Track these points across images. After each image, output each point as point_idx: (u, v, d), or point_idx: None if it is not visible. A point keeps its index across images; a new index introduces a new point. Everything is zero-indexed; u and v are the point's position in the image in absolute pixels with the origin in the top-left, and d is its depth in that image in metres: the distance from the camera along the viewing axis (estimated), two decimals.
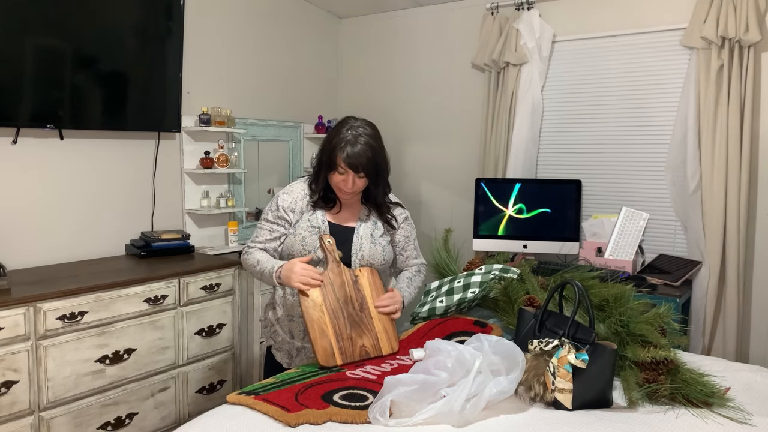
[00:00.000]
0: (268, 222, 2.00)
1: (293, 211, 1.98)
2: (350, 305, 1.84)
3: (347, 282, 1.87)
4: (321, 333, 1.77)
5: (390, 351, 1.84)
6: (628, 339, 1.72)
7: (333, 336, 1.77)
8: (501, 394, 1.49)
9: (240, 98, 3.57)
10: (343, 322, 1.81)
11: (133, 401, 2.56)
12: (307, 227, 1.96)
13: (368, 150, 1.87)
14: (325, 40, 4.14)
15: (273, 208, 2.00)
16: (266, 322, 2.13)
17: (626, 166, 3.22)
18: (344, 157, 1.86)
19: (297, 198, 1.99)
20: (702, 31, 2.81)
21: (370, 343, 1.82)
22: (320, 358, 1.74)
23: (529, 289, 2.08)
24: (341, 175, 1.90)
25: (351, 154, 1.85)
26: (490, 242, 3.25)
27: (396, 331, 1.88)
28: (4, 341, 2.14)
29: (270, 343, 2.11)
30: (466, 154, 3.74)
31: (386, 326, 1.87)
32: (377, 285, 1.91)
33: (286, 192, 2.02)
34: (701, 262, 2.92)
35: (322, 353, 1.74)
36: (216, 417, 1.49)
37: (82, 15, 2.72)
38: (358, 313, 1.84)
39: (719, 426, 1.45)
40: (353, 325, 1.82)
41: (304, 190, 2.01)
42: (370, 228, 2.01)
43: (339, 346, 1.77)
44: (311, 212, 1.97)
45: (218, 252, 3.26)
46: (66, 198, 2.83)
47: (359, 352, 1.79)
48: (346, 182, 1.90)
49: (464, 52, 3.67)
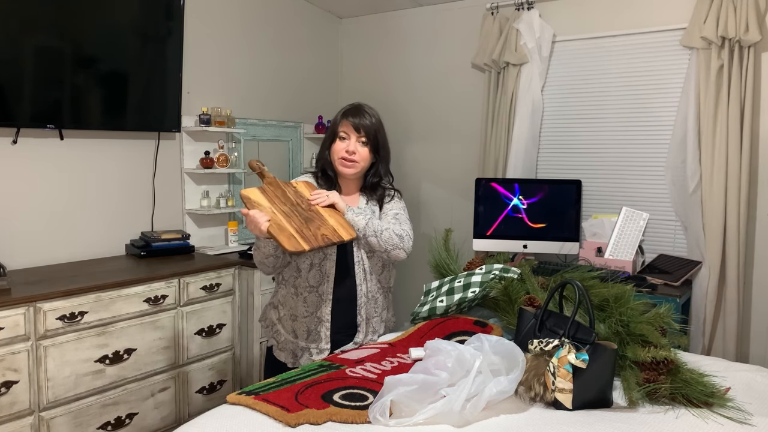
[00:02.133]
0: None
1: None
2: (298, 207, 1.88)
3: (289, 191, 1.92)
4: (279, 228, 1.78)
5: (349, 237, 1.86)
6: (628, 339, 1.72)
7: (293, 229, 1.79)
8: (501, 394, 1.49)
9: (240, 98, 3.57)
10: (298, 219, 1.83)
11: (133, 401, 2.56)
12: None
13: (370, 117, 2.03)
14: (325, 40, 4.14)
15: None
16: (267, 322, 2.12)
17: (626, 166, 3.22)
18: (348, 118, 1.99)
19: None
20: (702, 31, 2.81)
21: (330, 231, 1.83)
22: (287, 245, 1.73)
23: (529, 289, 2.07)
24: (342, 141, 1.99)
25: (353, 115, 2.00)
26: (490, 242, 3.25)
27: (348, 222, 1.90)
28: (4, 341, 2.14)
29: (272, 344, 2.09)
30: (466, 154, 3.74)
31: (338, 219, 1.89)
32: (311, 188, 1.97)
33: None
34: (701, 262, 2.92)
35: (287, 241, 1.74)
36: (216, 417, 1.49)
37: (82, 15, 2.72)
38: (307, 211, 1.87)
39: (719, 426, 1.44)
40: (307, 221, 1.84)
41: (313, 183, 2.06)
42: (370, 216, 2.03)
43: (300, 233, 1.78)
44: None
45: (218, 252, 3.26)
46: (66, 198, 2.83)
47: (321, 239, 1.80)
48: (348, 147, 1.98)
49: (464, 52, 3.67)
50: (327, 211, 1.91)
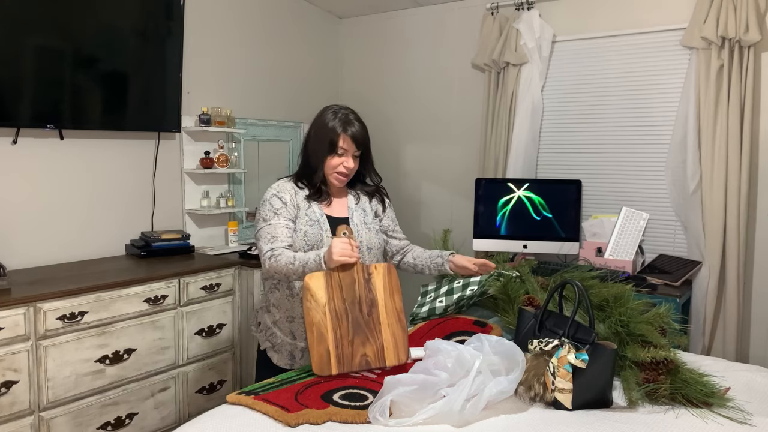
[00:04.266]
0: (282, 218, 1.93)
1: (295, 207, 1.97)
2: (357, 308, 1.70)
3: (358, 281, 1.73)
4: (319, 338, 1.66)
5: (396, 362, 1.67)
6: (628, 339, 1.72)
7: (332, 342, 1.66)
8: (501, 394, 1.49)
9: (240, 98, 3.57)
10: (346, 326, 1.67)
11: (133, 401, 2.56)
12: (306, 222, 1.95)
13: (363, 127, 1.99)
14: (325, 40, 4.14)
15: (278, 204, 1.94)
16: (262, 327, 2.08)
17: (626, 166, 3.22)
18: (348, 134, 1.93)
19: (292, 194, 1.98)
20: (702, 31, 2.81)
21: (373, 352, 1.67)
22: (315, 365, 1.65)
23: (528, 289, 2.08)
24: (340, 157, 1.95)
25: (352, 131, 1.94)
26: (489, 242, 3.25)
27: (406, 341, 1.71)
28: (4, 341, 2.14)
29: (266, 346, 2.05)
30: (466, 154, 3.74)
31: (396, 334, 1.69)
32: (393, 284, 1.76)
33: (280, 190, 1.98)
34: (701, 262, 2.92)
35: (318, 361, 1.65)
36: (216, 417, 1.49)
37: (82, 15, 2.72)
38: (365, 317, 1.69)
39: (719, 426, 1.44)
40: (357, 330, 1.67)
41: (293, 188, 2.00)
42: (362, 215, 2.05)
43: (337, 353, 1.65)
44: (307, 206, 1.97)
45: (218, 252, 3.26)
46: (66, 198, 2.83)
47: (359, 361, 1.66)
48: (346, 163, 1.95)
49: (464, 52, 3.67)
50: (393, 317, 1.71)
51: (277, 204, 1.95)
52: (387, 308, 1.72)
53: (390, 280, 1.75)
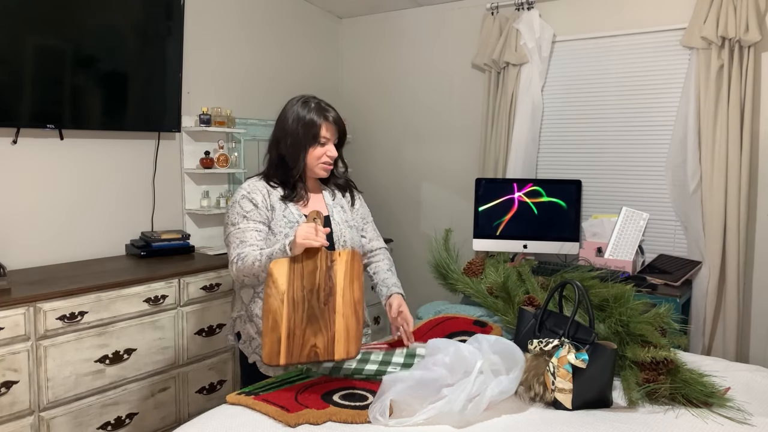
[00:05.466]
0: (250, 221, 1.83)
1: (267, 209, 1.86)
2: (315, 296, 1.65)
3: (320, 268, 1.67)
4: (273, 326, 1.61)
5: (344, 356, 1.61)
6: (628, 339, 1.72)
7: (285, 331, 1.61)
8: (502, 394, 1.49)
9: (240, 98, 3.57)
10: (301, 315, 1.62)
11: (133, 401, 2.55)
12: (285, 224, 1.84)
13: (336, 111, 1.94)
14: (325, 40, 4.14)
15: (248, 207, 1.84)
16: (245, 338, 1.95)
17: (626, 166, 3.22)
18: (330, 121, 1.89)
19: (264, 195, 1.87)
20: (702, 31, 2.81)
21: (323, 344, 1.61)
22: (264, 353, 1.60)
23: (528, 289, 2.08)
24: (323, 146, 1.90)
25: (332, 116, 1.90)
26: (490, 242, 3.24)
27: (359, 334, 1.65)
28: (4, 341, 2.14)
29: (255, 359, 1.92)
30: (466, 154, 3.74)
31: (349, 326, 1.63)
32: (354, 271, 1.69)
33: (251, 191, 1.88)
34: (701, 262, 2.92)
35: (268, 349, 1.60)
36: (216, 417, 1.49)
37: (82, 15, 2.71)
38: (320, 305, 1.64)
39: (719, 426, 1.45)
40: (311, 319, 1.62)
41: (266, 187, 1.90)
42: (341, 213, 1.97)
43: (288, 343, 1.60)
44: (284, 207, 1.87)
45: (218, 252, 3.26)
46: (66, 198, 2.82)
47: (308, 352, 1.60)
48: (330, 152, 1.90)
49: (464, 52, 3.67)
50: (349, 307, 1.66)
51: (247, 206, 1.85)
52: (344, 298, 1.66)
53: (352, 267, 1.69)
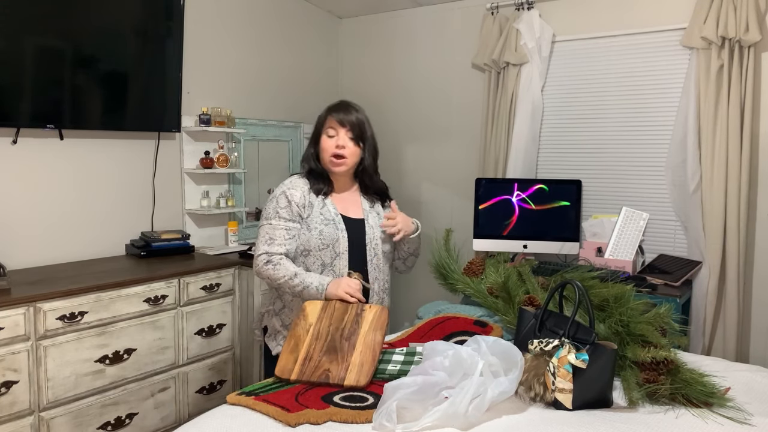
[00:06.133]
0: (282, 220, 1.92)
1: (304, 206, 1.95)
2: (339, 333, 1.76)
3: (349, 314, 1.81)
4: (293, 348, 1.72)
5: (354, 384, 1.64)
6: (628, 339, 1.72)
7: (303, 354, 1.71)
8: (503, 394, 1.48)
9: (240, 98, 3.57)
10: (322, 345, 1.73)
11: (133, 401, 2.55)
12: (321, 220, 1.94)
13: (354, 111, 2.00)
14: (325, 40, 4.14)
15: (283, 203, 1.93)
16: (270, 332, 2.05)
17: (626, 166, 3.22)
18: (331, 114, 1.97)
19: (304, 192, 1.97)
20: (702, 31, 2.81)
21: (336, 370, 1.67)
22: (279, 366, 1.69)
23: (529, 289, 2.08)
24: (331, 138, 1.96)
25: (338, 111, 1.98)
26: (490, 242, 3.24)
27: (372, 370, 1.68)
28: (4, 341, 2.14)
29: (278, 351, 1.99)
30: (466, 154, 3.74)
31: (364, 361, 1.68)
32: (379, 323, 1.79)
33: (292, 187, 1.97)
34: (701, 262, 2.92)
35: (283, 364, 1.69)
36: (216, 417, 1.49)
37: (82, 15, 2.72)
38: (341, 341, 1.74)
39: (719, 426, 1.44)
40: (330, 350, 1.71)
41: (307, 184, 1.99)
42: (376, 218, 2.04)
43: (302, 364, 1.69)
44: (322, 205, 1.96)
45: (218, 252, 3.26)
46: (66, 198, 2.82)
47: (320, 374, 1.66)
48: (336, 142, 1.95)
49: (464, 52, 3.67)
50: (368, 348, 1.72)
51: (282, 203, 1.94)
52: (365, 339, 1.75)
53: (378, 319, 1.80)
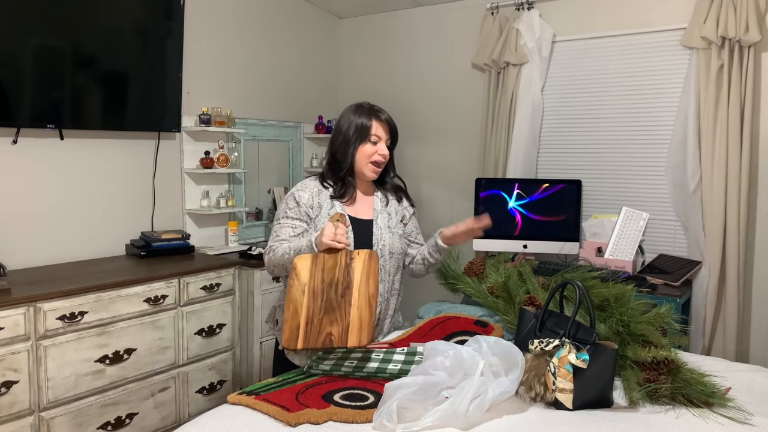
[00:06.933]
0: (288, 219, 1.98)
1: (312, 207, 1.98)
2: (333, 288, 1.78)
3: (339, 264, 1.80)
4: (294, 314, 1.74)
5: (356, 344, 1.73)
6: (628, 339, 1.72)
7: (304, 319, 1.74)
8: (503, 394, 1.48)
9: (240, 98, 3.57)
10: (320, 305, 1.76)
11: (133, 401, 2.55)
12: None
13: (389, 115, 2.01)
14: (325, 40, 4.14)
15: (291, 204, 1.99)
16: (281, 324, 2.03)
17: (626, 166, 3.22)
18: (381, 120, 1.97)
19: (313, 193, 2.00)
20: (702, 31, 2.81)
21: (338, 332, 1.74)
22: (284, 338, 1.73)
23: (529, 289, 2.08)
24: (374, 144, 1.97)
25: (384, 116, 1.98)
26: (490, 242, 3.25)
27: (372, 325, 1.77)
28: (4, 341, 2.14)
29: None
30: (466, 154, 3.74)
31: (362, 317, 1.76)
32: (370, 269, 1.81)
33: (301, 189, 2.01)
34: (701, 262, 2.92)
35: (288, 334, 1.73)
36: (216, 417, 1.49)
37: (82, 15, 2.71)
38: (338, 298, 1.77)
39: (720, 426, 1.44)
40: (328, 310, 1.76)
41: (317, 186, 2.02)
42: (386, 219, 2.05)
43: (306, 330, 1.73)
44: (330, 206, 1.98)
45: (218, 252, 3.26)
46: (66, 198, 2.82)
47: (324, 339, 1.73)
48: (381, 150, 1.97)
49: (464, 52, 3.67)
50: (364, 300, 1.77)
51: (291, 204, 1.99)
52: (360, 292, 1.78)
53: (369, 266, 1.80)
